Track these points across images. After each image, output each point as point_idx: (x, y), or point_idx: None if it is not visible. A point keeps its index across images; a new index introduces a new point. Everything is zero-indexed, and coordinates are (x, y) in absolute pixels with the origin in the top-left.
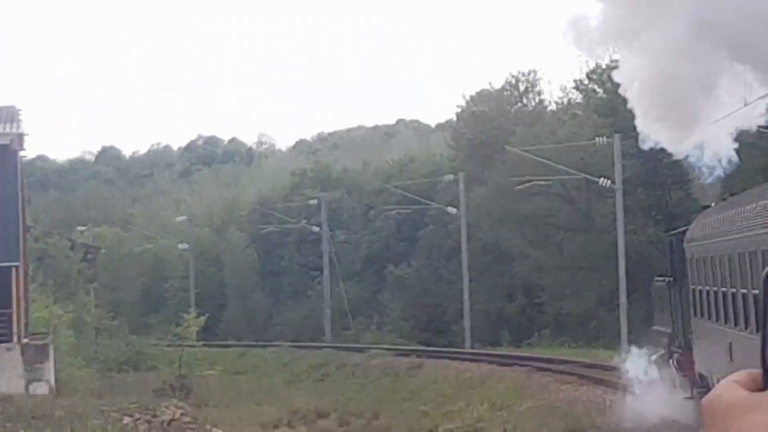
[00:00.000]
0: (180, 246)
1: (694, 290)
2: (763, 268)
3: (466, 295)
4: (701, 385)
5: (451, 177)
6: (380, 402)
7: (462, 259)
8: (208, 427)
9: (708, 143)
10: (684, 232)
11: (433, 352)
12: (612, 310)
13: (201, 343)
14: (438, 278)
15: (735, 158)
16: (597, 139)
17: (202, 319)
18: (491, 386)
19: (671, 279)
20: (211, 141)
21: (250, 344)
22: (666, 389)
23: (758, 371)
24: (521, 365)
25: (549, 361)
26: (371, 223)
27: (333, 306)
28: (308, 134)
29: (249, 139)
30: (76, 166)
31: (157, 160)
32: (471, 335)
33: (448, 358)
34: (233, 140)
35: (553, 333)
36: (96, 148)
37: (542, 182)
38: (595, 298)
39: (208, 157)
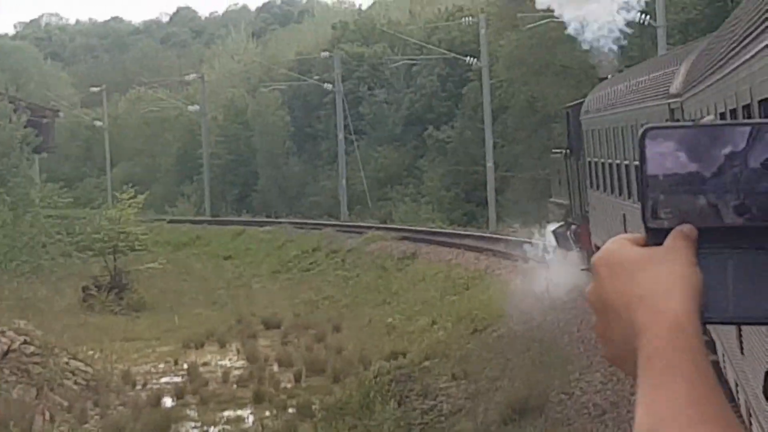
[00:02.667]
0: (190, 108)
1: (589, 162)
2: None
3: (489, 164)
4: None
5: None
6: (352, 306)
7: (485, 117)
8: (65, 359)
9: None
10: (580, 105)
11: (432, 237)
12: None
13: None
14: (482, 142)
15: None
16: None
17: (140, 198)
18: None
19: (567, 151)
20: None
21: (249, 221)
22: (565, 260)
23: (640, 234)
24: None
25: None
26: (414, 81)
27: (368, 175)
28: None
29: None
30: (150, 27)
31: (233, 20)
32: (496, 216)
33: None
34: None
35: None
36: (172, 9)
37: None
38: None
39: (284, 17)
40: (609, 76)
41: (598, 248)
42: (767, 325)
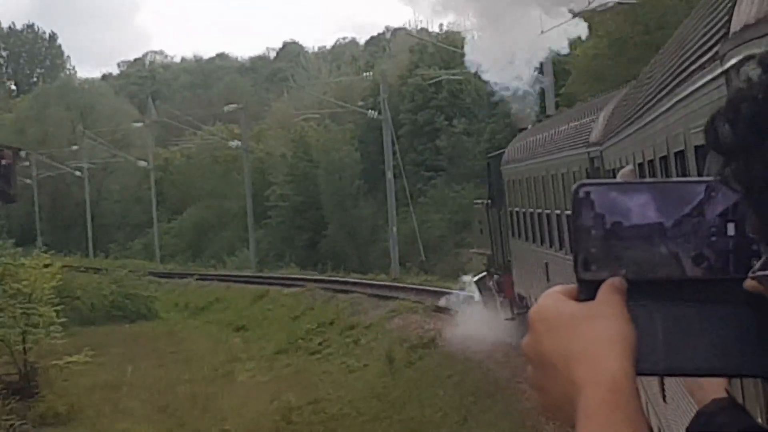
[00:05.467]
0: (231, 144)
1: (511, 212)
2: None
3: None
4: (521, 306)
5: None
6: (339, 418)
7: None
8: None
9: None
10: (501, 155)
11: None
12: None
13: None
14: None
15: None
16: None
17: (54, 268)
18: None
19: (489, 201)
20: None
21: (271, 279)
22: (487, 311)
23: (572, 286)
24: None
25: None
26: (496, 108)
27: (446, 217)
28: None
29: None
30: (256, 63)
31: (341, 54)
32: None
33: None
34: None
35: None
36: (278, 44)
37: None
38: None
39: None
40: (529, 126)
41: (521, 297)
42: (698, 376)
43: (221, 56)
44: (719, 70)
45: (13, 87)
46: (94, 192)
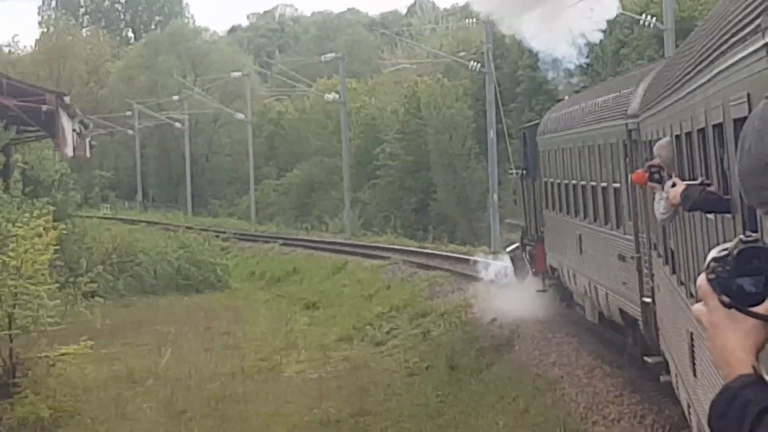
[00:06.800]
0: (327, 96)
1: (545, 183)
2: (611, 161)
3: None
4: (552, 278)
5: None
6: None
7: None
8: None
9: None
10: (537, 125)
11: None
12: None
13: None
14: None
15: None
16: None
17: (52, 234)
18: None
19: (524, 171)
20: None
21: (357, 247)
22: (520, 282)
23: None
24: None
25: None
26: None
27: None
28: None
29: None
30: (387, 19)
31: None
32: None
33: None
34: None
35: None
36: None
37: None
38: None
39: None
40: (566, 97)
41: (552, 269)
42: None
43: (351, 11)
44: (761, 43)
45: (131, 35)
46: (204, 145)
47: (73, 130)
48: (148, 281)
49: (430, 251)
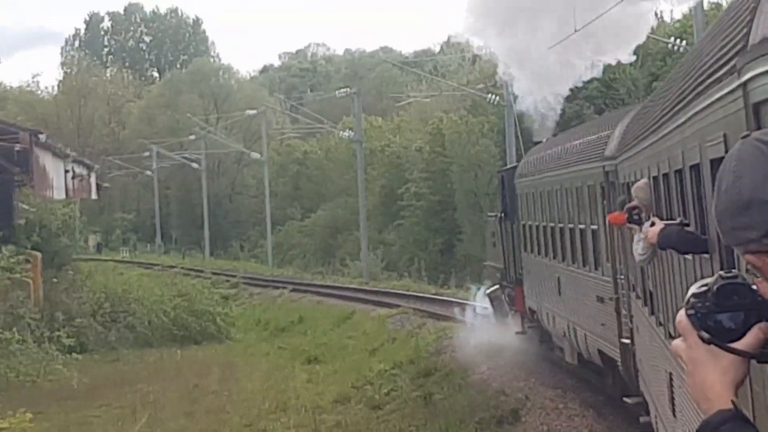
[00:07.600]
0: (342, 134)
1: (524, 225)
2: (589, 203)
3: None
4: (531, 320)
5: None
6: None
7: None
8: None
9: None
10: (515, 168)
11: None
12: None
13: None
14: None
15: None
16: None
17: None
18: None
19: (502, 214)
20: None
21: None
22: (499, 323)
23: None
24: None
25: None
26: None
27: None
28: None
29: None
30: (419, 57)
31: None
32: None
33: None
34: None
35: None
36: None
37: None
38: None
39: None
40: (544, 140)
41: (531, 311)
42: None
43: (384, 49)
44: (736, 83)
45: (155, 74)
46: (228, 185)
47: (66, 171)
48: (141, 332)
49: (445, 298)
